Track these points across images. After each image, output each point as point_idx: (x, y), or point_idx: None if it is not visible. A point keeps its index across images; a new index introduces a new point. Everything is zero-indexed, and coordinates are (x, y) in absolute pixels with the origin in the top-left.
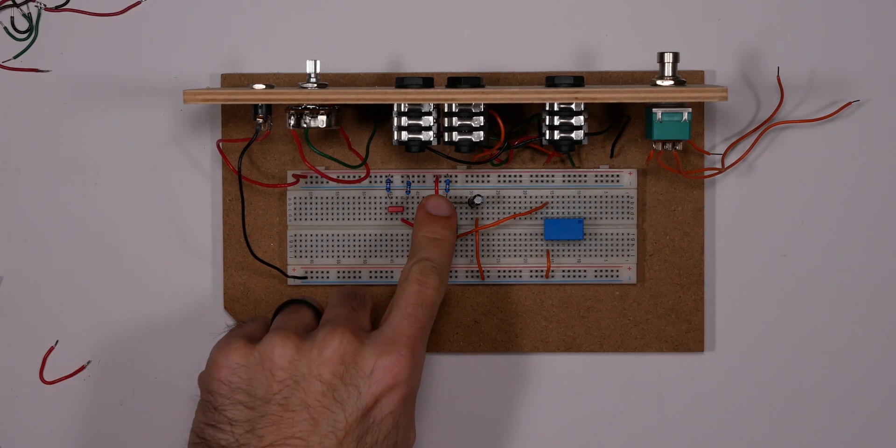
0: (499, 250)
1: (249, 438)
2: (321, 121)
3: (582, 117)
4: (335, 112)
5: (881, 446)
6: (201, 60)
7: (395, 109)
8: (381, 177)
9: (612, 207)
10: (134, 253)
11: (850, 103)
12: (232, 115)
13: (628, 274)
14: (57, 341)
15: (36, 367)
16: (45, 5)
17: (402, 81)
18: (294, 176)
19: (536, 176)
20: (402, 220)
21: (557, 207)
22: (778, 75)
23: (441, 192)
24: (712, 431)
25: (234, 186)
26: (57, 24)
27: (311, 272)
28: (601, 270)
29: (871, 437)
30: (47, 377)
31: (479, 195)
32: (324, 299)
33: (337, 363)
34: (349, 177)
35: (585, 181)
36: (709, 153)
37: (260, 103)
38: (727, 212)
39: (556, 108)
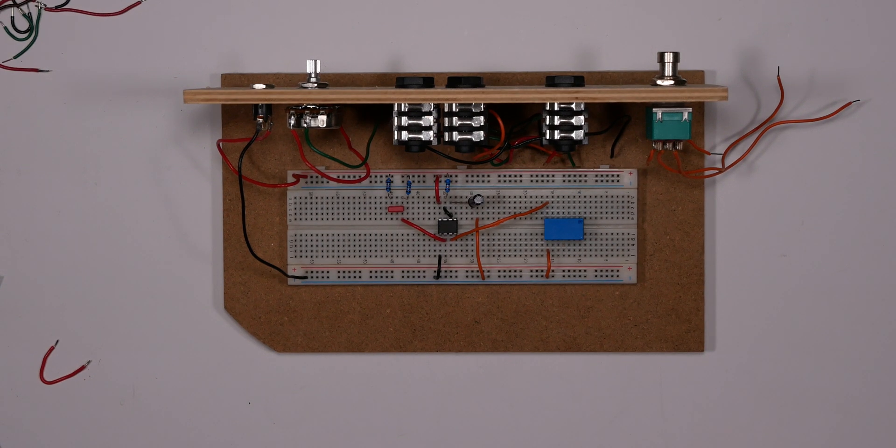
0: (499, 250)
1: None
2: (321, 121)
3: (582, 117)
4: (335, 112)
5: (880, 445)
6: (201, 60)
7: (396, 109)
8: (381, 177)
9: (612, 207)
10: (134, 253)
11: (850, 103)
12: (232, 115)
13: (628, 274)
14: (57, 341)
15: (36, 367)
16: (45, 5)
17: (402, 81)
18: (294, 176)
19: (536, 176)
20: (403, 220)
21: (557, 207)
22: (778, 75)
23: (441, 192)
24: (712, 431)
25: (234, 186)
26: (57, 24)
27: (312, 272)
28: (601, 270)
29: (870, 437)
30: (47, 377)
31: (479, 195)
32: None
33: None
34: (349, 177)
35: (585, 181)
36: (709, 153)
37: (260, 103)
38: (727, 212)
39: (556, 108)
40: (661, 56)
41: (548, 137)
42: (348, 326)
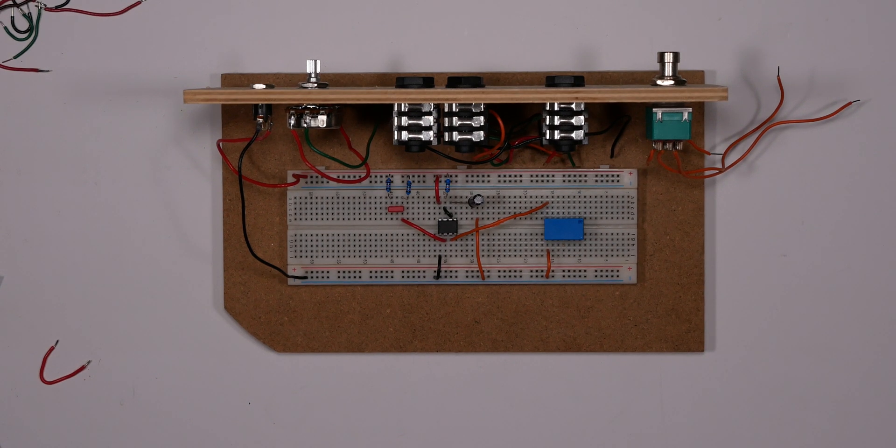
0: (499, 250)
1: None
2: (321, 121)
3: (582, 117)
4: (335, 112)
5: (879, 445)
6: (201, 60)
7: (396, 109)
8: (381, 177)
9: (612, 207)
10: (134, 253)
11: (850, 103)
12: (232, 115)
13: (628, 274)
14: (57, 341)
15: (36, 367)
16: (45, 5)
17: (402, 81)
18: (294, 176)
19: (536, 176)
20: (403, 220)
21: (557, 207)
22: (778, 75)
23: (441, 192)
24: (712, 431)
25: (234, 186)
26: (57, 24)
27: (311, 272)
28: (601, 270)
29: (870, 437)
30: (47, 377)
31: (479, 195)
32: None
33: None
34: (349, 177)
35: (585, 181)
36: (709, 153)
37: (260, 103)
38: (727, 212)
39: (556, 108)
40: (661, 56)
41: (548, 137)
42: (348, 326)
